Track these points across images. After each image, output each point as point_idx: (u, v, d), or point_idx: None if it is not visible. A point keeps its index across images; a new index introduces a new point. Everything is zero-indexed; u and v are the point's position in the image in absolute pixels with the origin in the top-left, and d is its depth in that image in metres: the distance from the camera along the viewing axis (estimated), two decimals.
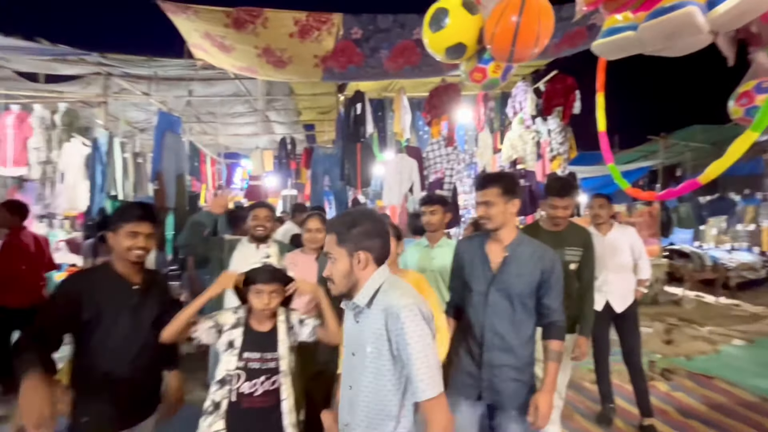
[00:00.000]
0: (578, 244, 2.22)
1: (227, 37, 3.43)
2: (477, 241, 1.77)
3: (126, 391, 1.54)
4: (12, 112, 5.16)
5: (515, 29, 1.24)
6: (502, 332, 1.62)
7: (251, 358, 1.54)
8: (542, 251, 1.66)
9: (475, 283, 1.68)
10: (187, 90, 5.96)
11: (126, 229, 1.57)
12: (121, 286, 1.59)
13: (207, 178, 8.89)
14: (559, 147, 5.29)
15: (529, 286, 1.62)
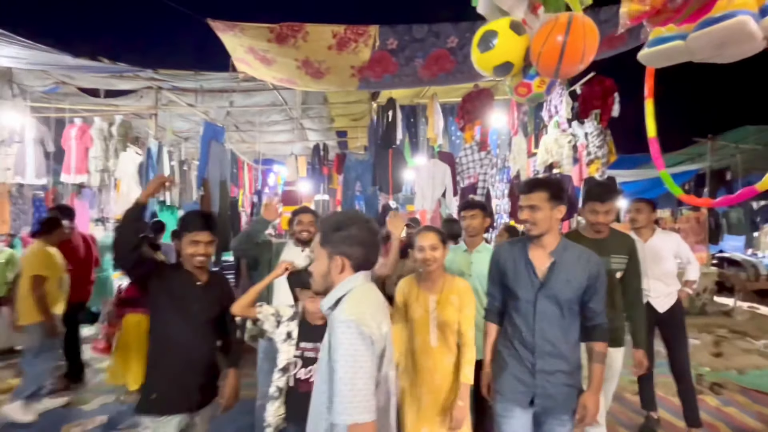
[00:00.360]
0: (623, 252, 2.14)
1: (269, 51, 3.62)
2: (518, 246, 1.72)
3: (190, 375, 1.73)
4: (75, 125, 5.66)
5: (561, 48, 1.28)
6: (553, 339, 1.61)
7: (307, 347, 1.68)
8: (588, 256, 1.64)
9: (522, 290, 1.65)
10: (228, 101, 6.29)
11: (188, 237, 1.78)
12: (189, 282, 1.79)
13: (244, 183, 9.28)
14: (597, 151, 5.15)
15: (577, 292, 1.61)
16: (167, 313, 1.73)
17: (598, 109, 5.00)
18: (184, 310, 1.74)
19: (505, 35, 1.38)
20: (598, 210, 2.09)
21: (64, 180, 5.70)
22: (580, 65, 1.37)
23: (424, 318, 1.91)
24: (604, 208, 2.08)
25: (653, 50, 1.19)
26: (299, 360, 1.68)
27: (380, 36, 3.43)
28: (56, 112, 5.78)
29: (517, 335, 1.67)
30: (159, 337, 1.75)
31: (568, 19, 1.29)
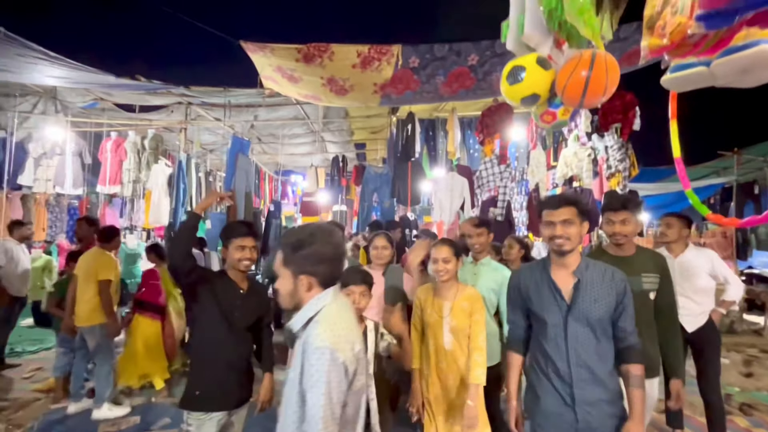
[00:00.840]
0: (654, 270, 1.97)
1: (297, 70, 3.79)
2: (539, 268, 1.64)
3: (230, 376, 1.87)
4: (111, 139, 5.98)
5: (585, 82, 1.36)
6: (590, 364, 1.49)
7: None
8: (612, 272, 1.56)
9: (549, 314, 1.56)
10: (254, 115, 6.54)
11: (235, 243, 1.93)
12: (232, 290, 1.93)
13: (265, 194, 9.53)
14: (619, 164, 5.12)
15: (608, 311, 1.51)
16: (212, 317, 1.86)
17: (619, 123, 4.99)
18: (227, 316, 1.87)
19: (533, 70, 1.48)
20: (613, 219, 1.97)
21: (100, 190, 6.01)
22: (602, 97, 1.44)
23: (439, 323, 2.05)
24: (619, 218, 1.95)
25: (676, 75, 1.24)
26: None
27: (403, 55, 3.56)
28: (94, 127, 6.13)
29: (549, 365, 1.55)
30: (204, 339, 1.88)
31: (592, 56, 1.38)
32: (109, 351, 3.38)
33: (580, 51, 1.37)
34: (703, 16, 0.88)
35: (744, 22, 0.90)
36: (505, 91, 1.61)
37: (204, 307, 1.87)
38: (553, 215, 1.55)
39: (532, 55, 1.52)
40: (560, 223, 1.53)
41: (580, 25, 1.23)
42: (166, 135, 7.05)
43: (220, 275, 1.99)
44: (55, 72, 3.89)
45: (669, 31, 0.96)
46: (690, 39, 0.98)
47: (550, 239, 1.56)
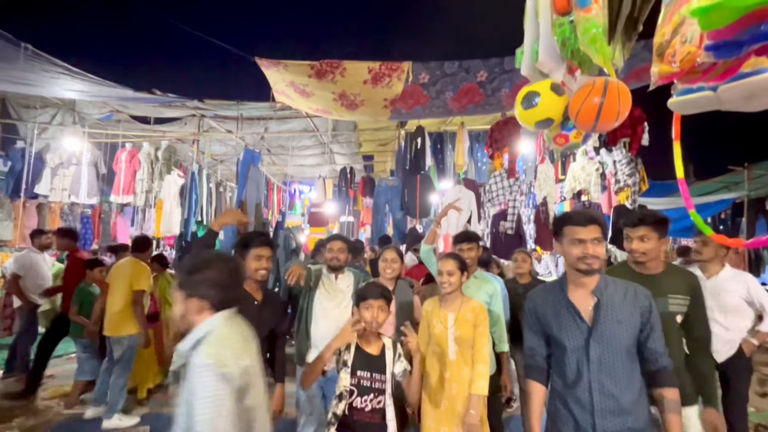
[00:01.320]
0: (683, 291, 1.81)
1: (309, 85, 3.89)
2: (554, 289, 1.56)
3: None
4: (125, 149, 6.12)
5: (599, 108, 1.41)
6: (614, 392, 1.37)
7: (363, 376, 1.72)
8: (634, 289, 1.46)
9: (569, 339, 1.45)
10: (264, 127, 6.67)
11: (253, 253, 1.96)
12: (247, 301, 1.93)
13: (273, 204, 9.62)
14: (627, 179, 5.12)
15: (633, 333, 1.41)
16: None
17: (628, 138, 5.00)
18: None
19: (547, 95, 1.54)
20: (631, 236, 1.86)
21: (113, 200, 6.12)
22: (615, 122, 1.49)
23: (444, 333, 2.10)
24: (637, 233, 1.84)
25: (683, 99, 1.27)
26: (355, 389, 1.70)
27: (413, 71, 3.64)
28: (109, 138, 6.29)
29: (570, 393, 1.44)
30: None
31: (605, 83, 1.43)
32: (130, 363, 3.39)
33: (593, 78, 1.41)
34: (711, 46, 0.91)
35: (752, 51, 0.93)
36: (519, 114, 1.66)
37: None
38: (583, 233, 1.45)
39: (546, 81, 1.58)
40: (591, 241, 1.43)
41: (592, 53, 1.28)
42: (179, 146, 7.21)
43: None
44: (75, 86, 4.03)
45: (679, 59, 0.99)
46: (699, 67, 1.01)
47: (579, 258, 1.45)
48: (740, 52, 0.90)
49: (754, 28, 0.84)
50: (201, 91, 5.54)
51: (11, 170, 5.75)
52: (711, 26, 0.87)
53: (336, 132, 7.14)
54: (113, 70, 5.07)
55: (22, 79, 3.65)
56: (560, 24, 1.38)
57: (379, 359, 1.77)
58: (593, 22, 1.23)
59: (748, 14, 0.81)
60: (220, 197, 7.39)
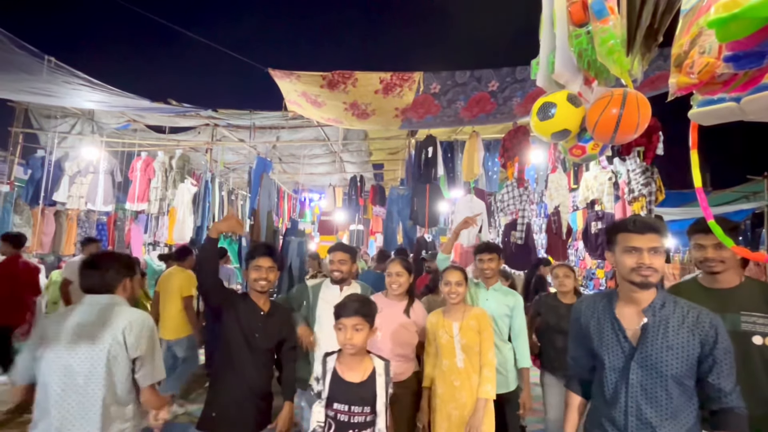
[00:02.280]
0: (764, 308, 1.57)
1: (321, 95, 3.93)
2: (603, 301, 1.44)
3: (248, 399, 1.87)
4: (141, 158, 6.25)
5: (617, 119, 1.39)
6: (653, 421, 1.25)
7: (340, 409, 1.50)
8: (697, 313, 1.29)
9: (609, 356, 1.35)
10: (276, 136, 6.76)
11: (252, 263, 1.97)
12: (253, 311, 1.95)
13: (284, 212, 9.70)
14: (643, 188, 5.02)
15: (686, 363, 1.25)
16: (233, 339, 1.88)
17: (642, 147, 4.94)
18: (248, 338, 1.88)
19: (563, 106, 1.52)
20: (704, 244, 1.65)
21: (128, 207, 6.24)
22: (634, 134, 1.46)
23: (450, 343, 2.13)
24: (711, 241, 1.63)
25: (705, 110, 1.24)
26: (332, 422, 1.49)
27: (424, 81, 3.65)
28: (126, 146, 6.44)
29: (606, 412, 1.35)
30: (224, 360, 1.89)
31: (623, 94, 1.42)
32: (196, 358, 3.74)
33: (611, 89, 1.40)
34: (731, 57, 0.89)
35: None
36: (535, 126, 1.65)
37: (226, 329, 1.90)
38: (639, 240, 1.31)
39: (562, 92, 1.56)
40: (648, 250, 1.30)
41: (609, 64, 1.27)
42: (192, 155, 7.34)
43: (243, 297, 2.01)
44: (95, 96, 4.15)
45: (697, 70, 0.97)
46: (719, 78, 0.99)
47: (633, 269, 1.32)
48: (762, 62, 0.88)
49: None
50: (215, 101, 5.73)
51: (31, 178, 5.91)
52: (729, 38, 0.86)
53: (346, 141, 7.19)
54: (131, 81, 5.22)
55: (45, 90, 3.77)
56: (577, 35, 1.38)
57: (364, 387, 1.53)
58: (611, 33, 1.22)
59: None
60: (232, 205, 7.48)
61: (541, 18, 1.65)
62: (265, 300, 2.02)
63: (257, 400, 1.90)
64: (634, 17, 1.18)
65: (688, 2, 1.08)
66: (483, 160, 5.75)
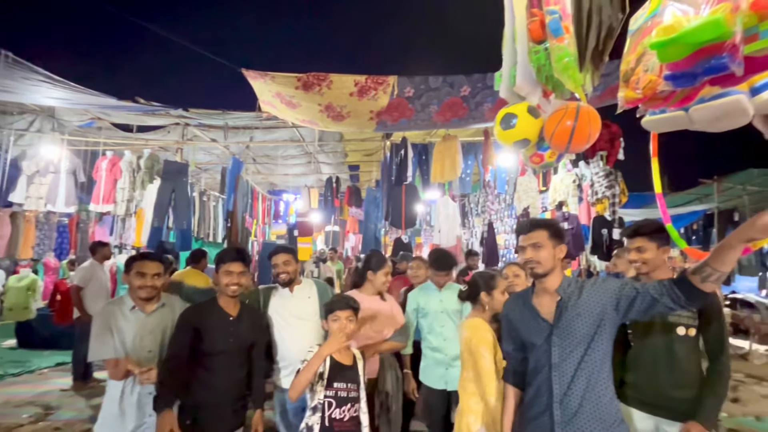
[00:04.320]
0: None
1: (295, 97, 3.92)
2: (521, 299, 1.64)
3: (221, 404, 1.87)
4: (106, 158, 6.00)
5: (571, 131, 1.51)
6: (577, 390, 1.41)
7: (340, 387, 1.75)
8: (599, 282, 1.49)
9: (533, 339, 1.53)
10: (249, 136, 6.65)
11: (223, 268, 1.96)
12: (222, 317, 1.94)
13: (258, 214, 9.53)
14: (606, 191, 5.28)
15: (596, 322, 1.42)
16: (208, 347, 1.87)
17: (605, 151, 5.19)
18: (218, 344, 1.88)
19: (523, 117, 1.64)
20: (629, 247, 1.84)
21: (93, 209, 5.97)
22: (586, 144, 1.59)
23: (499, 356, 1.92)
24: (634, 245, 1.80)
25: (657, 118, 1.35)
26: (333, 400, 1.72)
27: (398, 85, 3.72)
28: (90, 145, 6.16)
29: (538, 394, 1.50)
30: (199, 367, 1.88)
31: (577, 108, 1.55)
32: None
33: (566, 103, 1.51)
34: (670, 76, 0.99)
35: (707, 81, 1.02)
36: (498, 134, 1.75)
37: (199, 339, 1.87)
38: (524, 239, 1.56)
39: (523, 104, 1.67)
40: (530, 246, 1.52)
41: (565, 79, 1.37)
42: (162, 154, 7.10)
43: (209, 304, 1.99)
44: (56, 93, 3.97)
45: (642, 86, 1.07)
46: (660, 94, 1.10)
47: (524, 263, 1.56)
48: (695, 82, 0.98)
49: (706, 62, 0.92)
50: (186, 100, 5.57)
51: None
52: (668, 59, 0.96)
53: (322, 142, 7.16)
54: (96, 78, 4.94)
55: (1, 86, 3.57)
56: (536, 51, 1.48)
57: (353, 369, 1.83)
58: (566, 51, 1.32)
59: (701, 49, 0.90)
60: (204, 206, 7.30)
61: (504, 33, 1.75)
62: (235, 304, 2.01)
63: (230, 403, 1.90)
64: (582, 40, 1.28)
65: (635, 23, 1.18)
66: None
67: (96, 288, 4.49)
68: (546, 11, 1.36)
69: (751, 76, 1.01)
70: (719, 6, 0.95)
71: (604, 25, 1.16)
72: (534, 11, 1.42)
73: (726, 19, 0.85)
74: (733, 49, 0.96)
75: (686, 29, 0.87)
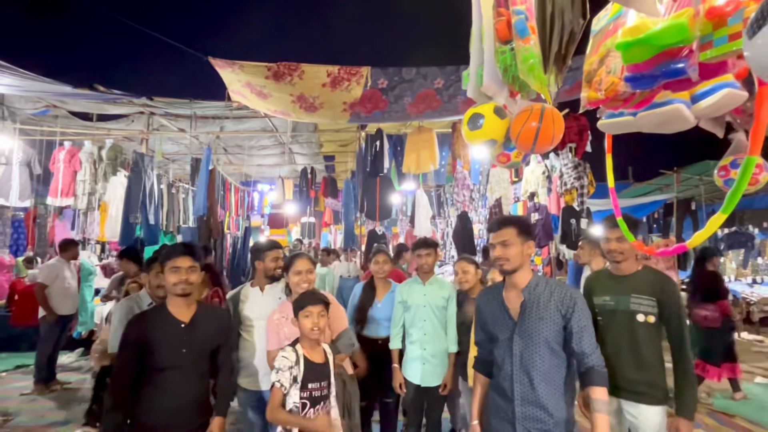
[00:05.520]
0: (648, 292, 1.82)
1: (266, 87, 3.81)
2: (494, 291, 1.71)
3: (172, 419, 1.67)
4: (64, 148, 5.67)
5: (536, 132, 1.54)
6: (534, 383, 1.49)
7: (314, 388, 1.71)
8: (562, 292, 1.54)
9: (499, 332, 1.61)
10: (220, 126, 6.43)
11: (169, 265, 1.71)
12: (171, 325, 1.70)
13: (230, 206, 9.29)
14: (575, 182, 5.45)
15: (554, 330, 1.50)
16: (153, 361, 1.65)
17: (574, 144, 5.35)
18: (169, 358, 1.66)
19: (490, 118, 1.66)
20: (610, 237, 1.90)
21: (51, 203, 5.65)
22: (551, 145, 1.64)
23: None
24: (615, 235, 1.87)
25: (610, 122, 1.42)
26: (307, 401, 1.68)
27: (372, 76, 3.67)
28: (45, 135, 5.79)
29: (498, 382, 1.60)
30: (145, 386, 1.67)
31: (541, 110, 1.58)
32: None
33: (531, 104, 1.54)
34: (629, 78, 1.03)
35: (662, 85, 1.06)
36: (466, 134, 1.76)
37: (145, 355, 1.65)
38: (493, 237, 1.60)
39: (490, 104, 1.69)
40: (499, 244, 1.57)
41: (530, 80, 1.39)
42: (126, 144, 6.77)
43: (156, 312, 1.77)
44: (3, 80, 3.68)
45: (604, 87, 1.11)
46: (621, 95, 1.13)
47: (494, 260, 1.61)
48: (653, 85, 1.02)
49: (666, 65, 0.96)
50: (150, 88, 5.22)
51: None
52: (632, 60, 0.98)
53: (296, 132, 7.02)
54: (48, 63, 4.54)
55: None
56: (502, 51, 1.49)
57: (325, 366, 1.79)
58: (531, 52, 1.33)
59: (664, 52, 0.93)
60: (173, 198, 7.05)
61: (472, 32, 1.75)
62: (188, 306, 1.75)
63: (191, 420, 1.71)
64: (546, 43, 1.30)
65: (598, 23, 1.21)
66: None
67: (62, 286, 4.29)
68: (512, 11, 1.37)
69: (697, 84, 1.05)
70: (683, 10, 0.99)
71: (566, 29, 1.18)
72: (501, 10, 1.43)
73: (689, 24, 0.88)
74: (690, 54, 1.00)
75: (652, 31, 0.90)
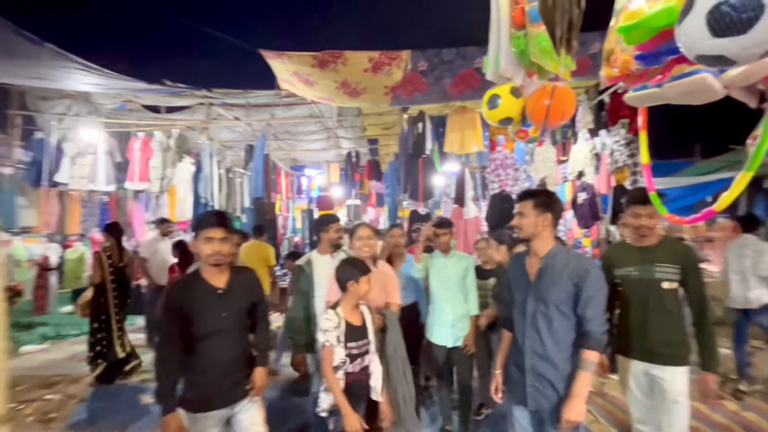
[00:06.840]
0: (672, 261, 1.95)
1: (312, 75, 4.05)
2: (520, 257, 1.90)
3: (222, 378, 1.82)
4: (138, 138, 6.37)
5: (548, 108, 1.63)
6: (543, 340, 1.69)
7: (352, 347, 1.99)
8: (576, 262, 1.70)
9: (518, 293, 1.82)
10: (270, 114, 6.84)
11: (202, 235, 1.77)
12: (207, 292, 1.79)
13: (281, 188, 9.86)
14: (628, 159, 5.20)
15: (564, 294, 1.66)
16: (193, 324, 1.75)
17: (627, 119, 5.08)
18: (208, 321, 1.77)
19: (507, 98, 1.80)
20: (640, 213, 1.98)
21: (128, 187, 6.41)
22: (562, 120, 1.73)
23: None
24: (647, 211, 1.96)
25: (637, 94, 1.45)
26: (348, 358, 1.96)
27: (412, 60, 3.78)
28: (123, 127, 6.54)
29: (514, 336, 1.85)
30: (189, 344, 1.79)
31: (552, 88, 1.65)
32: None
33: (544, 83, 1.61)
34: (639, 56, 1.08)
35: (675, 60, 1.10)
36: (485, 114, 1.89)
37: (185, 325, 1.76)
38: (516, 208, 1.82)
39: (507, 85, 1.81)
40: (517, 214, 1.79)
41: (544, 62, 1.46)
42: (188, 133, 7.42)
43: (192, 281, 1.84)
44: (91, 80, 4.25)
45: (618, 65, 1.17)
46: (636, 70, 1.19)
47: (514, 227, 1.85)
48: (659, 61, 1.07)
49: (668, 44, 1.01)
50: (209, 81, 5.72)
51: (33, 160, 6.05)
52: (633, 42, 1.05)
53: (341, 117, 7.27)
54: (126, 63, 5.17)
55: (44, 75, 3.87)
56: (517, 37, 1.56)
57: (362, 328, 2.06)
58: (543, 36, 1.40)
59: (662, 33, 0.98)
60: (231, 182, 7.65)
61: (491, 20, 1.83)
62: (221, 272, 1.83)
63: (232, 375, 1.83)
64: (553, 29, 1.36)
65: (619, 2, 1.26)
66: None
67: (159, 261, 5.03)
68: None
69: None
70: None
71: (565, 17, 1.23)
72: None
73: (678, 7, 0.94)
74: None
75: (647, 15, 0.96)
